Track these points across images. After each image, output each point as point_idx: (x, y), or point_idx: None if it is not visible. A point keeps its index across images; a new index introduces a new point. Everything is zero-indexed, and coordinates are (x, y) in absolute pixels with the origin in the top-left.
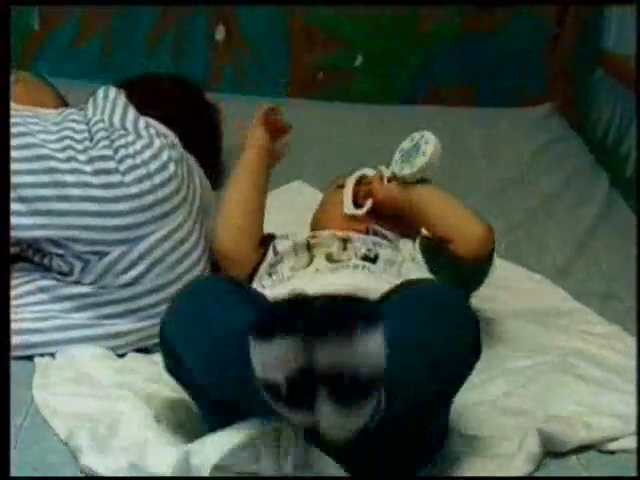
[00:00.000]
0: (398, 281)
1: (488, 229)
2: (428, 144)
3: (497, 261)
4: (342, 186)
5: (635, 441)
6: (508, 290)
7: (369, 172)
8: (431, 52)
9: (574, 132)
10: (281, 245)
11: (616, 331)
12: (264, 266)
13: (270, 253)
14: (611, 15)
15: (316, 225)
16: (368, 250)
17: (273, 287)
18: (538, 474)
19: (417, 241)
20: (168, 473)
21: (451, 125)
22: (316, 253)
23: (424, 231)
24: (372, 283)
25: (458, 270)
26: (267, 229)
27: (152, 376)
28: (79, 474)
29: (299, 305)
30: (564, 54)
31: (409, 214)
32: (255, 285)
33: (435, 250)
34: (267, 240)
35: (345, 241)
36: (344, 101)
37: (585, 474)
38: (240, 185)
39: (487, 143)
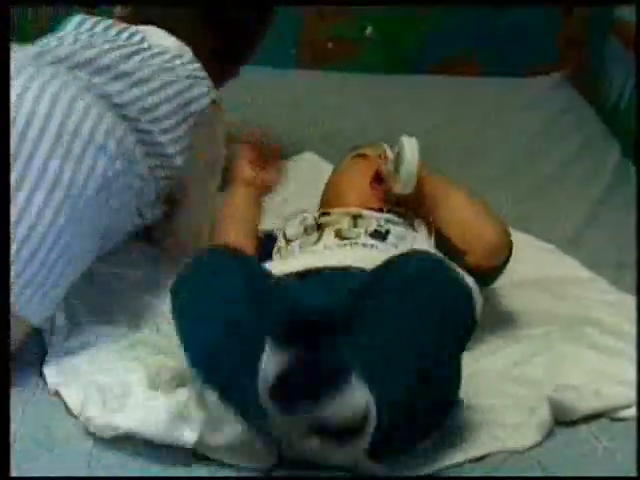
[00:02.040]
0: None
1: (503, 234)
2: (404, 150)
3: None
4: (361, 155)
5: None
6: (520, 260)
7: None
8: (441, 22)
9: (586, 101)
10: (291, 229)
11: (628, 300)
12: (275, 250)
13: (280, 238)
14: None
15: (329, 197)
16: (379, 226)
17: (281, 261)
18: (548, 443)
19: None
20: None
21: (461, 95)
22: (325, 230)
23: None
24: (378, 259)
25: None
26: (278, 200)
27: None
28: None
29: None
30: (577, 23)
31: (425, 210)
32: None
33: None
34: (265, 242)
35: (356, 217)
36: (353, 71)
37: (596, 443)
38: (227, 227)
39: (497, 113)
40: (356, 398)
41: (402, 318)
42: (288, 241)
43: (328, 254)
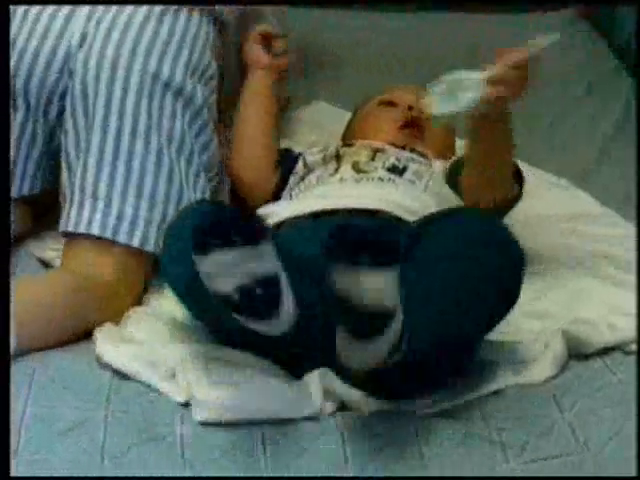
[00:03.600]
0: (424, 195)
1: (514, 194)
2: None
3: (521, 168)
4: (389, 104)
5: None
6: (533, 195)
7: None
8: None
9: (599, 36)
10: (311, 156)
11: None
12: (294, 179)
13: (300, 165)
14: None
15: (353, 132)
16: (397, 160)
17: (299, 197)
18: (563, 377)
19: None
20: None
21: (473, 32)
22: (343, 161)
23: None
24: (396, 197)
25: None
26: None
27: None
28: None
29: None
30: None
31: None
32: (283, 199)
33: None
34: (284, 156)
35: (376, 151)
36: (364, 10)
37: (611, 376)
38: (247, 111)
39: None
40: (388, 287)
41: (451, 271)
42: (307, 169)
43: (342, 190)
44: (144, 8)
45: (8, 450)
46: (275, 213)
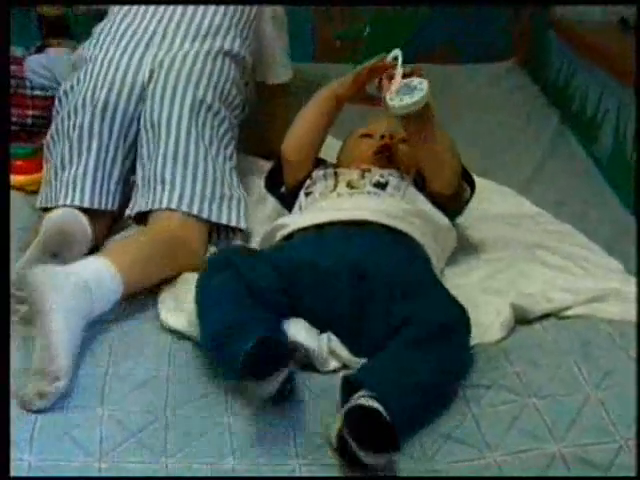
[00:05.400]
0: (403, 203)
1: (457, 167)
2: (423, 84)
3: (476, 179)
4: (367, 135)
5: (585, 309)
6: (486, 200)
7: None
8: (422, 24)
9: (531, 80)
10: (315, 172)
11: (568, 229)
12: (303, 187)
13: (308, 180)
14: None
15: (342, 161)
16: (381, 177)
17: (307, 209)
18: (511, 338)
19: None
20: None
21: (437, 78)
22: (340, 180)
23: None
24: (382, 207)
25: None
26: None
27: None
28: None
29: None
30: (525, 20)
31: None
32: (295, 208)
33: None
34: (318, 162)
35: (364, 171)
36: (356, 63)
37: (547, 335)
38: (310, 108)
39: (466, 91)
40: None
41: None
42: (312, 180)
43: (340, 204)
44: (193, 51)
45: (8, 450)
46: (287, 224)
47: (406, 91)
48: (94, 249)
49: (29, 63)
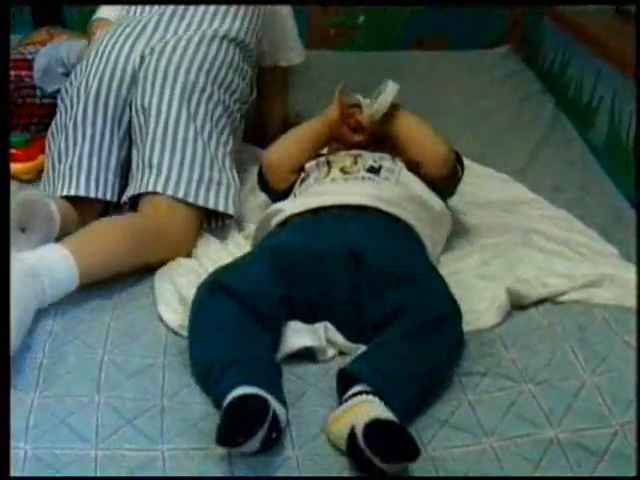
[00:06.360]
0: (397, 188)
1: (448, 149)
2: (387, 87)
3: (472, 165)
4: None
5: (581, 294)
6: (481, 187)
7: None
8: (416, 11)
9: (527, 66)
10: (308, 164)
11: (563, 214)
12: (297, 182)
13: (301, 173)
14: None
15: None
16: (374, 161)
17: (302, 194)
18: (507, 323)
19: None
20: None
21: (432, 65)
22: (333, 167)
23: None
24: (376, 191)
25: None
26: None
27: None
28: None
29: None
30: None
31: (391, 137)
32: (291, 195)
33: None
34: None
35: (356, 157)
36: (350, 50)
37: (543, 320)
38: (301, 128)
39: (460, 77)
40: None
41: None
42: (306, 173)
43: (335, 188)
44: (187, 36)
45: (8, 450)
46: (282, 209)
47: (377, 96)
48: None
49: (39, 59)
